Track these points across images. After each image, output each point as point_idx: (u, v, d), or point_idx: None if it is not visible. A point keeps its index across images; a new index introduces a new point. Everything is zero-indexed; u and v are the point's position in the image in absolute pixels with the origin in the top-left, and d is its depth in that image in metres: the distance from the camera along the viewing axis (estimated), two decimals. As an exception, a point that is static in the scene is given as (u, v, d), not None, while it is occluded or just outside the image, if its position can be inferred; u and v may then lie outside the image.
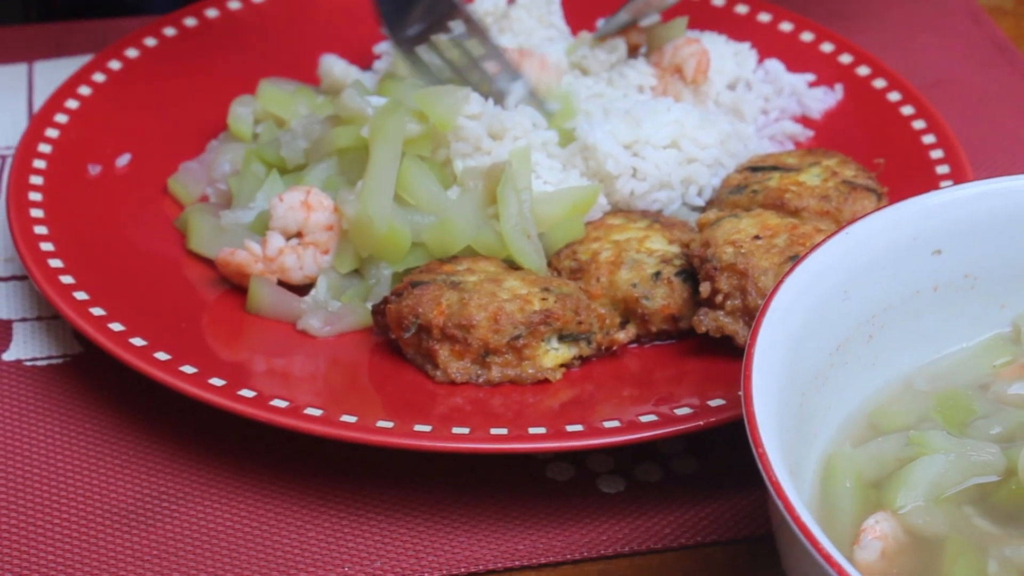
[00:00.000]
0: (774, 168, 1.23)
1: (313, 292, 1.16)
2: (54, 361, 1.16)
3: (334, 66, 1.33)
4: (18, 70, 1.45)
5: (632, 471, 1.08)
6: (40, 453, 1.08)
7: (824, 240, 0.97)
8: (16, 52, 1.47)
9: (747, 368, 0.88)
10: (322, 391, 1.09)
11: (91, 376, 1.14)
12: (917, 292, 1.01)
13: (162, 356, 1.07)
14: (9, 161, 1.33)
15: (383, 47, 1.40)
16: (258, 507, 1.05)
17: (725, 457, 1.09)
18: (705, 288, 1.10)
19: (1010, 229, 1.02)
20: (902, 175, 1.25)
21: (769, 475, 0.83)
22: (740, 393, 0.89)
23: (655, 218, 1.21)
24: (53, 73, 1.43)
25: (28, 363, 1.15)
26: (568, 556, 1.03)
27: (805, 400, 0.94)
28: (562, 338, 1.10)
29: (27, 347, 1.16)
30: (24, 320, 1.19)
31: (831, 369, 0.97)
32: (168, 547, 1.02)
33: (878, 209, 1.01)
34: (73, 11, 1.75)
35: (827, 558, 0.78)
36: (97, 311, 1.10)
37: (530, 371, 1.09)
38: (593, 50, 1.34)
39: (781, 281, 0.94)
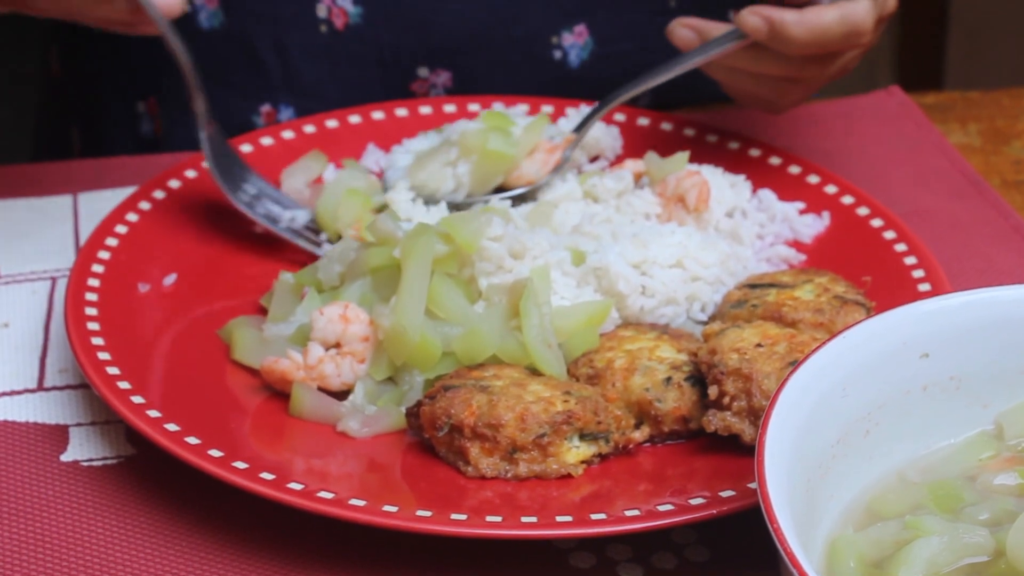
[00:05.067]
0: (771, 285, 1.33)
1: (351, 397, 1.25)
2: (108, 462, 1.23)
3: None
4: (64, 201, 1.55)
5: (649, 559, 1.15)
6: (96, 543, 1.16)
7: (823, 343, 1.07)
8: (61, 185, 1.57)
9: (759, 456, 0.97)
10: (363, 485, 1.17)
11: (143, 475, 1.22)
12: (908, 392, 1.09)
13: (215, 453, 1.15)
14: (60, 282, 1.42)
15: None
16: (302, 593, 1.13)
17: (735, 547, 1.16)
18: (713, 391, 1.20)
19: (991, 335, 1.11)
20: (887, 291, 1.34)
21: (784, 547, 0.91)
22: (755, 479, 0.98)
23: (664, 330, 1.30)
24: (96, 204, 1.52)
25: (84, 463, 1.23)
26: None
27: (810, 487, 1.02)
28: (583, 437, 1.19)
29: (83, 449, 1.24)
30: (79, 425, 1.27)
31: (833, 460, 1.05)
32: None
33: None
34: (89, 149, 1.86)
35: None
36: (153, 413, 1.19)
37: (554, 467, 1.18)
38: (603, 179, 1.45)
39: (787, 379, 1.03)
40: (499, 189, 1.47)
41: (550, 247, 1.33)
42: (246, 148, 1.52)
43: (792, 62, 1.43)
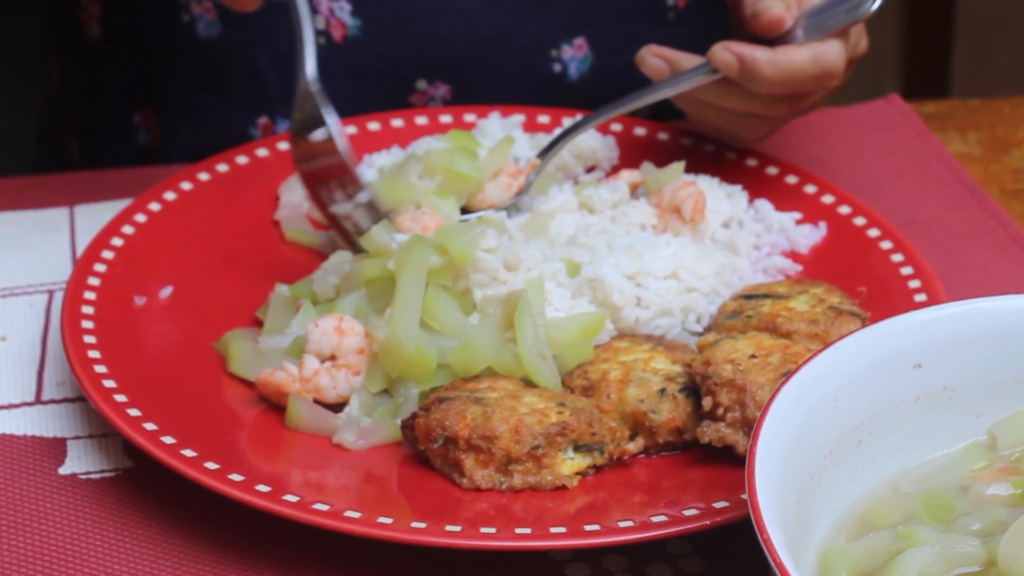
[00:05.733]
0: (766, 296, 1.33)
1: (347, 409, 1.25)
2: (106, 474, 1.24)
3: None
4: (60, 213, 1.55)
5: (644, 570, 1.15)
6: (94, 555, 1.16)
7: (815, 354, 1.07)
8: (58, 197, 1.57)
9: (750, 466, 0.97)
10: (358, 497, 1.17)
11: (140, 487, 1.22)
12: (900, 402, 1.09)
13: (211, 466, 1.16)
14: (57, 295, 1.43)
15: None
16: (298, 604, 1.13)
17: (730, 558, 1.16)
18: (707, 402, 1.20)
19: (984, 345, 1.11)
20: (883, 302, 1.34)
21: (774, 557, 0.91)
22: (745, 490, 0.98)
23: (659, 341, 1.30)
24: (93, 216, 1.53)
25: (83, 476, 1.24)
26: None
27: (802, 498, 1.02)
28: (577, 448, 1.19)
29: (81, 462, 1.25)
30: (77, 438, 1.27)
31: (825, 471, 1.05)
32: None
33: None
34: (87, 161, 1.86)
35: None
36: (149, 426, 1.19)
37: (549, 478, 1.18)
38: (598, 190, 1.45)
39: (778, 389, 1.03)
40: (461, 211, 1.46)
41: (544, 258, 1.34)
42: (242, 160, 1.53)
43: (760, 99, 1.44)
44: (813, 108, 1.52)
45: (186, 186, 1.49)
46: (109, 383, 1.23)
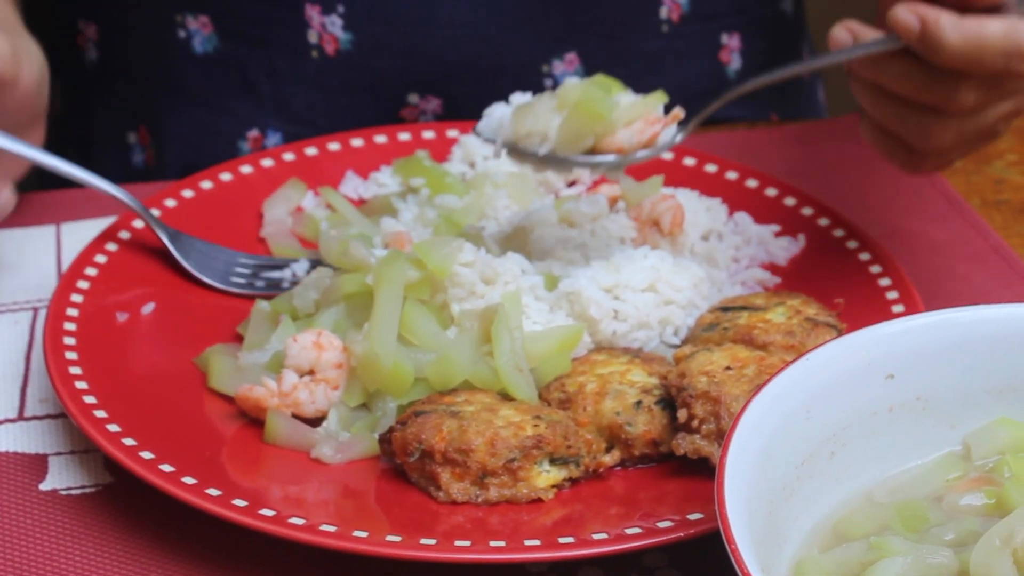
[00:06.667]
0: (743, 308, 1.34)
1: (325, 424, 1.26)
2: (87, 490, 1.24)
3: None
4: (47, 231, 1.56)
5: (620, 582, 1.17)
6: (74, 570, 1.17)
7: (786, 365, 1.07)
8: (45, 215, 1.58)
9: (719, 478, 0.98)
10: (335, 511, 1.18)
11: (121, 503, 1.23)
12: (874, 413, 1.10)
13: (189, 480, 1.16)
14: (42, 313, 1.44)
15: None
16: (276, 619, 1.14)
17: (706, 570, 1.17)
18: (682, 414, 1.20)
19: (956, 356, 1.11)
20: (860, 313, 1.34)
21: (741, 567, 0.92)
22: (715, 499, 0.99)
23: (636, 354, 1.31)
24: (79, 233, 1.54)
25: (63, 492, 1.24)
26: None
27: (774, 509, 1.03)
28: (553, 461, 1.20)
29: (62, 478, 1.26)
30: (59, 454, 1.28)
31: (798, 482, 1.06)
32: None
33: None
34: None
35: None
36: (129, 441, 1.20)
37: (524, 491, 1.19)
38: (578, 204, 1.46)
39: (748, 401, 1.04)
40: (589, 152, 1.34)
41: (522, 272, 1.34)
42: (226, 176, 1.54)
43: (943, 84, 1.26)
44: (996, 133, 1.33)
45: (170, 203, 1.49)
46: (89, 399, 1.24)
